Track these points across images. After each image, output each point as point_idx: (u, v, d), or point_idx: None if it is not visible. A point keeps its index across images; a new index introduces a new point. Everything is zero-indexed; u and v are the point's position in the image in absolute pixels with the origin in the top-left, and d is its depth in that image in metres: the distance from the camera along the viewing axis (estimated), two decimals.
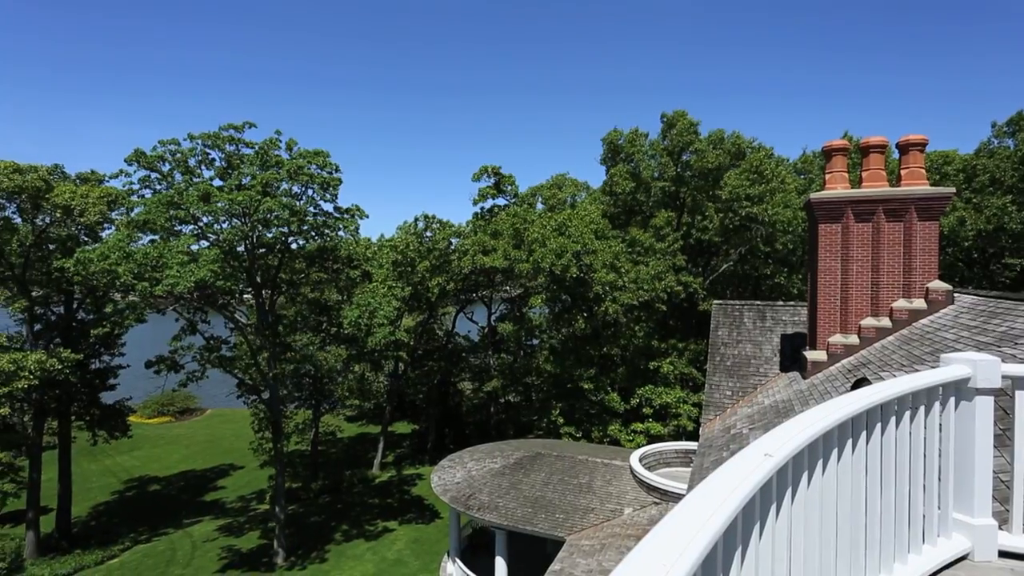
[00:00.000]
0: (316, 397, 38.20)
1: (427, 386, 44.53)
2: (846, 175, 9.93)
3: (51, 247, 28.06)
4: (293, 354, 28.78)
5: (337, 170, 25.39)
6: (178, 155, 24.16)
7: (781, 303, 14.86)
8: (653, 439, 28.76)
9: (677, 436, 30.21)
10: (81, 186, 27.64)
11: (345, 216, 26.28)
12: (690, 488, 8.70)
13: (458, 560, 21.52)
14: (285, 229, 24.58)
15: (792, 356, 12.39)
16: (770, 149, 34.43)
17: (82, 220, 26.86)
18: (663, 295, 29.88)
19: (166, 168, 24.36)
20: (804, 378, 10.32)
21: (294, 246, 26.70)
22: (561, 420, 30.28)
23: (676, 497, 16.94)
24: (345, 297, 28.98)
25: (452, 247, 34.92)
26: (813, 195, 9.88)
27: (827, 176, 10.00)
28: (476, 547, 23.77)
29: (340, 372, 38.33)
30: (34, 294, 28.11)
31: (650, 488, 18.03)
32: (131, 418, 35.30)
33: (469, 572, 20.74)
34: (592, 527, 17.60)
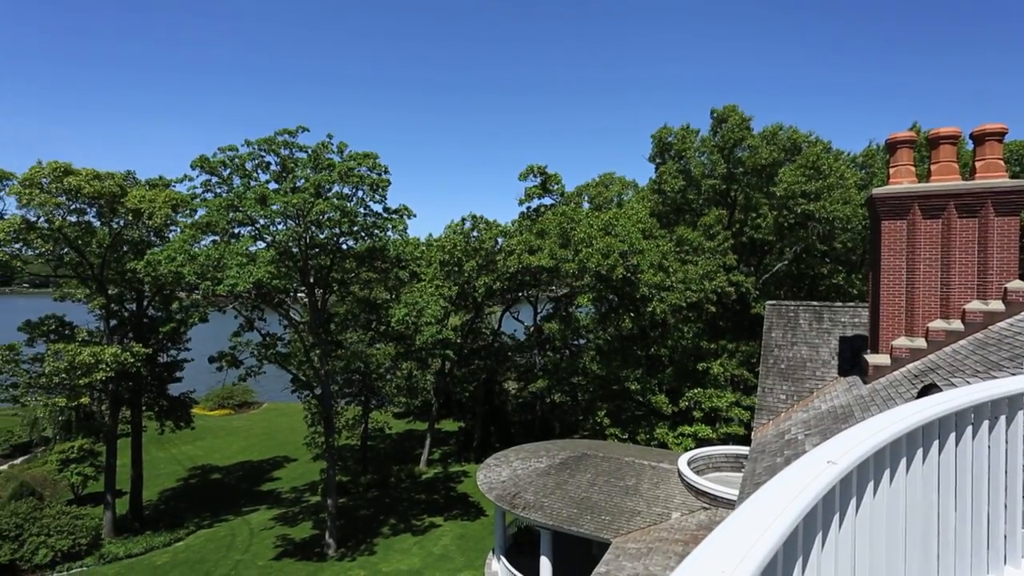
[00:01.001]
0: (365, 393, 39.20)
1: (473, 384, 44.94)
2: (913, 169, 9.39)
3: (124, 248, 29.90)
4: (344, 351, 29.65)
5: (386, 171, 25.95)
6: (236, 160, 25.25)
7: (840, 304, 14.21)
8: (702, 443, 28.06)
9: (727, 440, 29.37)
10: (150, 191, 29.34)
11: (394, 216, 26.83)
12: (742, 494, 8.43)
13: (503, 558, 21.64)
14: (336, 230, 25.32)
15: (852, 359, 11.83)
16: (828, 143, 32.94)
17: (151, 223, 28.51)
18: (713, 295, 29.10)
19: (226, 172, 25.52)
20: (865, 383, 9.83)
21: (345, 246, 27.45)
22: (607, 422, 29.95)
23: (726, 503, 16.48)
24: (394, 296, 29.63)
25: (498, 247, 35.12)
26: (876, 190, 9.40)
27: (891, 170, 9.49)
28: (521, 546, 23.83)
29: (388, 370, 39.16)
30: (110, 292, 30.01)
31: (699, 492, 17.60)
32: (195, 410, 37.22)
33: (514, 570, 20.81)
34: (638, 530, 17.34)
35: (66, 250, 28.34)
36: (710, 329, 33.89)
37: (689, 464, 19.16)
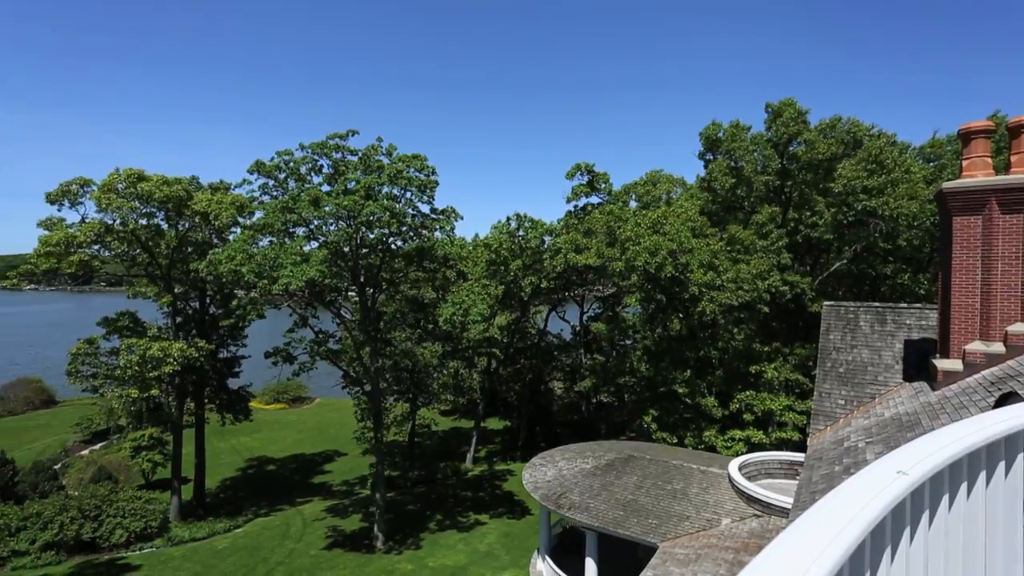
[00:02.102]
0: (413, 391, 39.94)
1: (519, 384, 45.07)
2: (989, 161, 8.78)
3: (189, 249, 31.55)
4: (392, 349, 30.27)
5: (434, 173, 26.34)
6: (291, 164, 26.19)
7: (905, 305, 13.46)
8: (753, 448, 27.17)
9: (780, 446, 28.33)
10: (214, 194, 30.84)
11: (441, 217, 27.21)
12: (797, 503, 8.11)
13: (548, 558, 21.61)
14: (386, 230, 25.89)
15: (918, 364, 11.18)
16: (892, 135, 31.23)
17: (216, 224, 29.99)
18: (766, 295, 28.11)
19: (282, 176, 26.52)
20: (933, 389, 9.28)
21: (394, 246, 28.04)
22: (655, 425, 29.42)
23: (779, 511, 15.90)
24: (441, 295, 30.06)
25: (545, 246, 35.09)
26: (946, 185, 8.85)
27: (964, 163, 8.91)
28: (566, 546, 23.73)
29: (436, 368, 39.79)
30: (176, 291, 31.74)
31: (750, 499, 17.06)
32: (252, 403, 38.91)
33: (559, 571, 20.75)
34: (687, 535, 16.96)
35: (138, 251, 30.15)
36: (763, 331, 32.76)
37: (740, 469, 18.60)
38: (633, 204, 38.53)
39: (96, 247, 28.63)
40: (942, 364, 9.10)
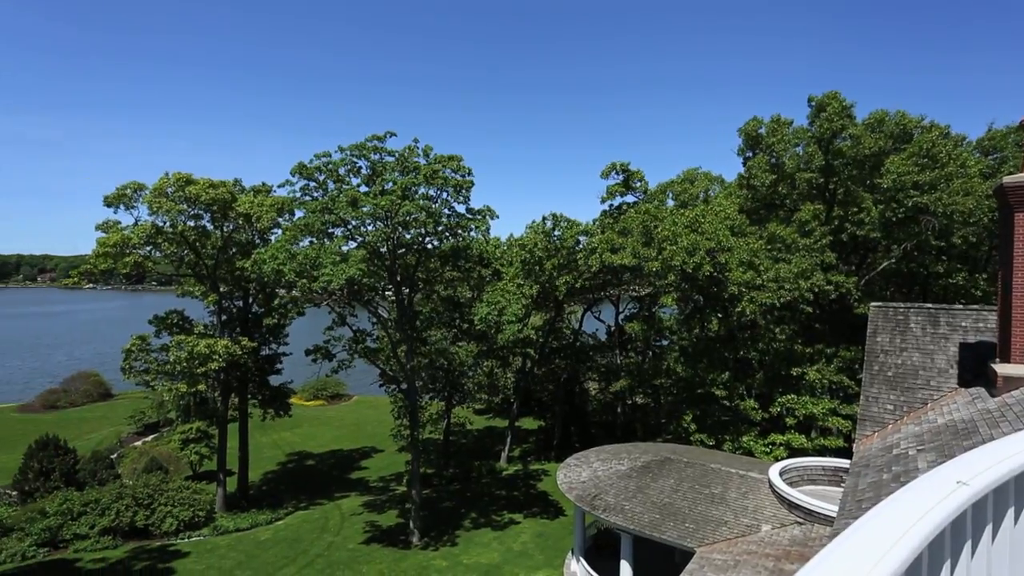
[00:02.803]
0: (448, 389, 40.33)
1: (553, 384, 44.97)
2: None
3: (233, 250, 32.66)
4: (428, 348, 30.63)
5: (469, 173, 26.54)
6: (330, 165, 26.80)
7: (960, 306, 12.84)
8: (795, 452, 26.40)
9: (823, 452, 27.44)
10: (256, 196, 31.85)
11: (477, 217, 27.38)
12: (843, 511, 7.84)
13: (582, 559, 21.50)
14: (422, 230, 26.23)
15: (975, 369, 10.66)
16: (945, 127, 29.79)
17: (258, 226, 30.95)
18: (808, 295, 27.26)
19: (321, 177, 27.16)
20: (992, 395, 8.84)
21: (430, 246, 28.38)
22: (693, 427, 28.89)
23: (823, 519, 15.39)
24: (476, 295, 30.25)
25: (580, 245, 34.91)
26: (1007, 179, 8.41)
27: None
28: (600, 548, 23.57)
29: (471, 367, 40.07)
30: (221, 290, 32.90)
31: (792, 506, 16.58)
32: (292, 399, 39.98)
33: (593, 573, 20.63)
34: (725, 541, 16.61)
35: (186, 252, 31.39)
36: (805, 332, 31.78)
37: (781, 475, 18.10)
38: (670, 203, 37.94)
39: (148, 248, 29.95)
40: (1002, 369, 8.65)
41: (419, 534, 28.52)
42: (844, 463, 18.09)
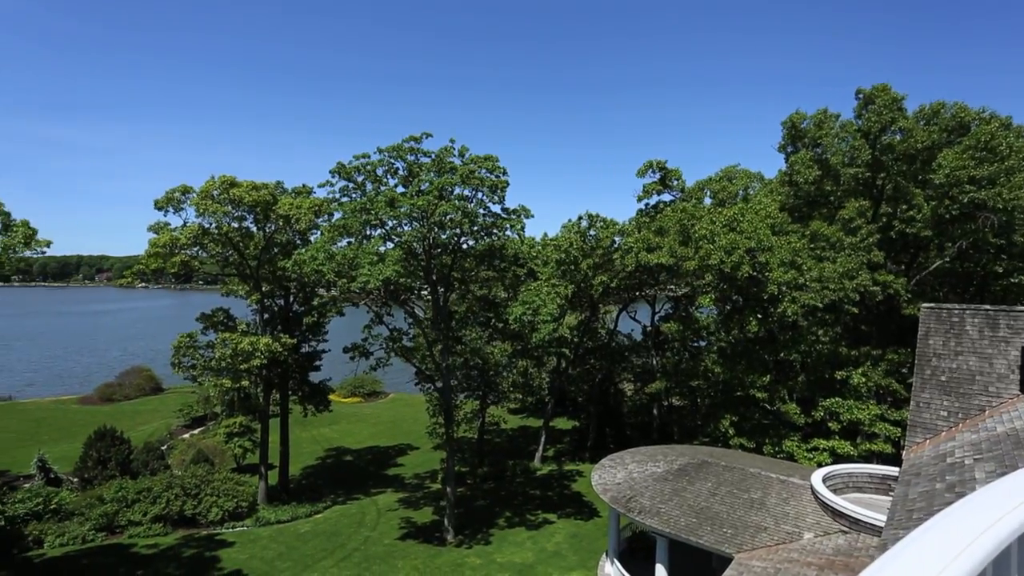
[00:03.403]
0: (483, 388, 40.57)
1: (588, 384, 44.70)
2: None
3: (275, 250, 33.65)
4: (463, 347, 30.87)
5: (505, 173, 26.61)
6: (369, 166, 27.31)
7: (1022, 308, 12.16)
8: (839, 459, 25.53)
9: (869, 458, 26.47)
10: (296, 198, 32.72)
11: (512, 216, 27.45)
12: (891, 521, 7.54)
13: (616, 562, 21.31)
14: (458, 230, 26.45)
15: None
16: (1007, 119, 28.24)
17: (297, 227, 31.79)
18: (854, 296, 26.31)
19: (360, 178, 27.70)
20: None
21: (465, 246, 28.60)
22: (731, 431, 28.26)
23: (869, 528, 14.84)
24: (511, 294, 30.32)
25: (615, 245, 34.59)
26: None
27: None
28: (635, 550, 23.31)
29: (505, 366, 40.20)
30: (264, 289, 33.95)
31: (836, 514, 16.04)
32: (331, 396, 40.92)
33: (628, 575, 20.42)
34: (764, 547, 16.20)
35: (230, 252, 32.50)
36: (850, 333, 30.70)
37: (824, 481, 17.52)
38: (707, 201, 37.21)
39: (195, 248, 31.14)
40: None
41: (453, 531, 28.79)
42: (893, 471, 17.39)
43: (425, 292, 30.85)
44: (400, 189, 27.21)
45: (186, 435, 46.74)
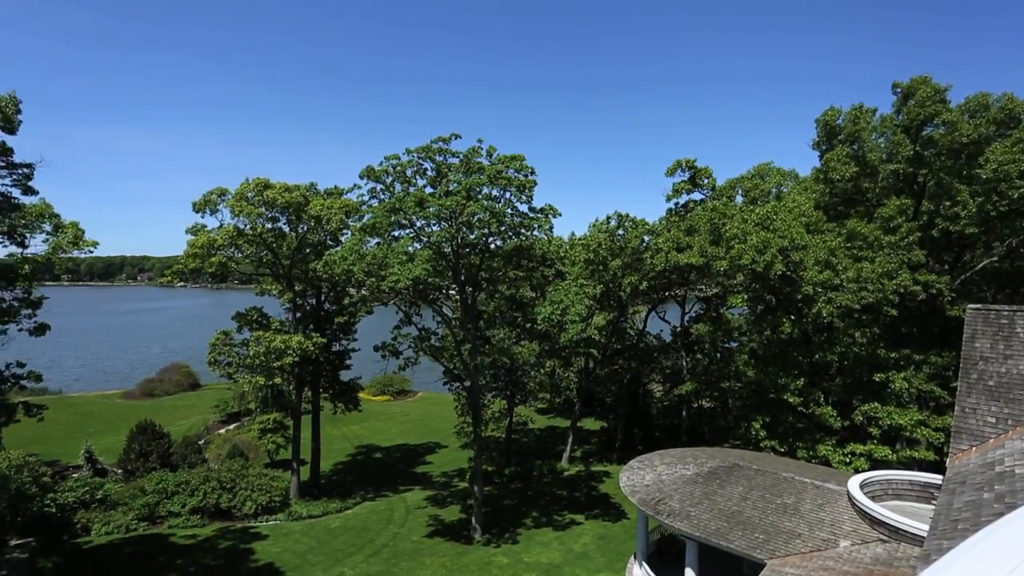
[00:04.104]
0: (511, 388, 40.63)
1: (616, 385, 44.35)
2: None
3: (307, 250, 34.33)
4: (491, 347, 30.96)
5: (532, 173, 26.59)
6: (398, 168, 27.62)
7: None
8: (876, 465, 24.73)
9: (910, 465, 25.57)
10: (327, 199, 33.31)
11: (540, 216, 27.42)
12: (935, 531, 7.26)
13: (645, 564, 21.08)
14: (486, 230, 26.54)
15: None
16: None
17: (328, 228, 32.36)
18: (893, 296, 25.45)
19: (388, 180, 28.04)
20: None
21: (493, 246, 28.67)
22: (763, 433, 27.67)
23: (910, 538, 14.32)
24: (539, 294, 30.29)
25: (645, 245, 34.22)
26: None
27: None
28: (664, 554, 23.01)
29: (533, 366, 40.17)
30: (296, 288, 34.67)
31: (875, 521, 15.53)
32: (361, 394, 41.56)
33: None
34: (798, 554, 15.80)
35: (264, 252, 33.28)
36: (890, 335, 29.70)
37: (862, 487, 16.99)
38: (739, 200, 36.49)
39: (231, 249, 31.99)
40: None
41: (481, 530, 28.91)
42: (935, 479, 16.76)
43: (453, 292, 31.05)
44: (429, 189, 27.45)
45: (222, 430, 48.10)
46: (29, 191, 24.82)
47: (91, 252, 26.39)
